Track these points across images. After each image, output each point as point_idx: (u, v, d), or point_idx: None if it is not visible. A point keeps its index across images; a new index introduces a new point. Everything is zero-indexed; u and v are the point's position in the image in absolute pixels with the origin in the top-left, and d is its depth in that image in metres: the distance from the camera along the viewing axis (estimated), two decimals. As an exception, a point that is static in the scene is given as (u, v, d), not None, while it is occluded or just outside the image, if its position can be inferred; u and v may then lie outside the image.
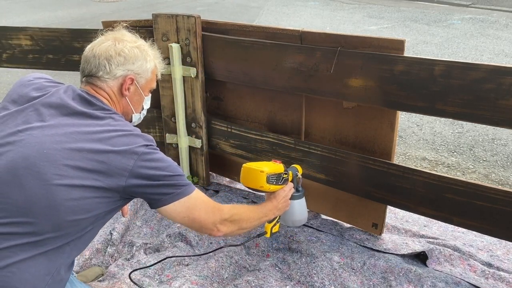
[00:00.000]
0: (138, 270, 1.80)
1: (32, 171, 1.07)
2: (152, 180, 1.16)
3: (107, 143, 1.13)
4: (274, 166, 1.62)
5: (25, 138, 1.11)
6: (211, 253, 1.92)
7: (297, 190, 1.76)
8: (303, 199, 1.80)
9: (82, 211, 1.11)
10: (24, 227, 1.07)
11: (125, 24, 1.41)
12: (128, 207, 1.52)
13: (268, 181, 1.57)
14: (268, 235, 1.70)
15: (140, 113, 1.42)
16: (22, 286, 1.08)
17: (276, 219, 1.69)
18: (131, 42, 1.32)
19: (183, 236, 2.03)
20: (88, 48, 1.31)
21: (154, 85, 1.41)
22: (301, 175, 1.79)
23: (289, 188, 1.68)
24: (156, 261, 1.82)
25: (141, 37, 1.38)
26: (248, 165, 1.60)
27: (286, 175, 1.66)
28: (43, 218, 1.07)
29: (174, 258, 1.89)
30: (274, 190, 1.63)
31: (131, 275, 1.74)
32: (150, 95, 1.42)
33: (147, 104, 1.43)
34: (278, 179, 1.62)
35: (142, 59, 1.32)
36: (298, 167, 1.81)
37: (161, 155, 1.20)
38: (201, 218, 1.27)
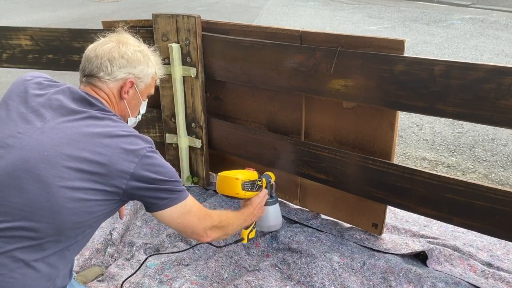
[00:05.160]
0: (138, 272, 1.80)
1: (33, 173, 1.06)
2: (152, 184, 1.17)
3: (107, 145, 1.12)
4: (248, 174, 1.68)
5: (24, 140, 1.09)
6: (210, 253, 1.93)
7: (271, 197, 1.83)
8: (277, 205, 1.87)
9: (83, 213, 1.11)
10: (26, 231, 1.06)
11: (126, 27, 1.40)
12: (124, 210, 1.52)
13: (243, 188, 1.62)
14: (245, 241, 1.75)
15: (136, 117, 1.42)
16: None
17: (253, 225, 1.74)
18: (134, 46, 1.31)
19: (183, 236, 2.02)
20: (91, 47, 1.29)
21: (152, 91, 1.41)
22: (274, 181, 1.86)
23: (263, 195, 1.74)
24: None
25: (144, 42, 1.38)
26: (223, 174, 1.66)
27: (260, 182, 1.73)
28: (46, 221, 1.06)
29: (174, 258, 1.89)
30: (249, 197, 1.68)
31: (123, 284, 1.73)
32: (147, 100, 1.42)
33: (143, 109, 1.43)
34: (252, 186, 1.68)
35: (144, 64, 1.32)
36: (271, 174, 1.87)
37: (160, 159, 1.20)
38: (194, 224, 1.30)
